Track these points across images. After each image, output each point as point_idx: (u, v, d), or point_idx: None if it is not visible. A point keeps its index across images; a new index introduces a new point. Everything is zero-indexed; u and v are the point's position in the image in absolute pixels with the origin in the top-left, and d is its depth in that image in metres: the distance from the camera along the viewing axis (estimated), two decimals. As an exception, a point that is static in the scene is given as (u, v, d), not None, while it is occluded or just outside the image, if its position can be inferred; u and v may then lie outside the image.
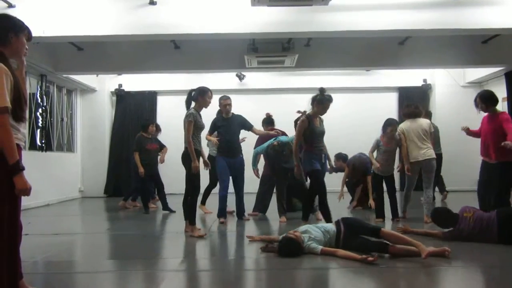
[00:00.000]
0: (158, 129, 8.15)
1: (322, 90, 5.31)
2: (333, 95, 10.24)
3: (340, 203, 7.15)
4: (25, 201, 2.63)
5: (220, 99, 6.29)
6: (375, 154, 6.26)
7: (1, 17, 2.60)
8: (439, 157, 7.22)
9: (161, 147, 7.96)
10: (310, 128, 5.27)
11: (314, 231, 4.13)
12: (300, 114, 7.20)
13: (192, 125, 5.03)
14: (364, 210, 7.12)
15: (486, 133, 5.16)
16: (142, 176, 7.34)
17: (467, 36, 7.76)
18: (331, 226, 4.24)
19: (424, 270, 3.49)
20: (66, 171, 9.92)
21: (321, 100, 5.28)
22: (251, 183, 7.87)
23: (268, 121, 7.23)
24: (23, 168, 2.37)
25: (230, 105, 6.25)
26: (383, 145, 6.01)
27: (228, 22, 6.29)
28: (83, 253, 4.79)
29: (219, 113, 6.39)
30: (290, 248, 3.91)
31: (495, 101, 5.26)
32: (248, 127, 6.38)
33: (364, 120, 10.37)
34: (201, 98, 5.20)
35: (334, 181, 10.20)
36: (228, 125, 6.19)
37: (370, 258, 3.50)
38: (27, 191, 2.37)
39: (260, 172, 6.91)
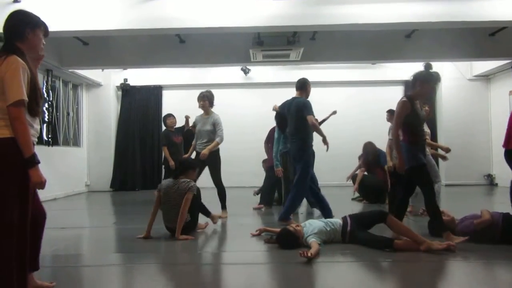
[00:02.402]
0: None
1: (428, 66, 4.36)
2: (339, 89, 10.29)
3: (343, 196, 7.15)
4: (32, 195, 2.65)
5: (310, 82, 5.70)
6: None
7: (18, 13, 2.61)
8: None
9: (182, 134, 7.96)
10: (413, 113, 4.22)
11: (314, 223, 4.15)
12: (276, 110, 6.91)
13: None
14: (370, 205, 7.12)
15: None
16: (174, 168, 7.35)
17: (474, 28, 7.69)
18: (336, 219, 4.25)
19: (428, 264, 3.49)
20: (73, 165, 9.97)
21: (428, 78, 4.29)
22: (257, 176, 7.89)
23: None
24: (38, 162, 2.39)
25: None
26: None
27: (233, 16, 6.27)
28: (90, 246, 4.82)
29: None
30: (287, 240, 4.00)
31: None
32: None
33: (370, 114, 10.34)
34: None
35: (325, 176, 10.25)
36: None
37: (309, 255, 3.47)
38: (42, 184, 2.40)
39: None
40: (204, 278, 3.40)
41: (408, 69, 10.75)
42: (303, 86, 5.54)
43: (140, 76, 10.93)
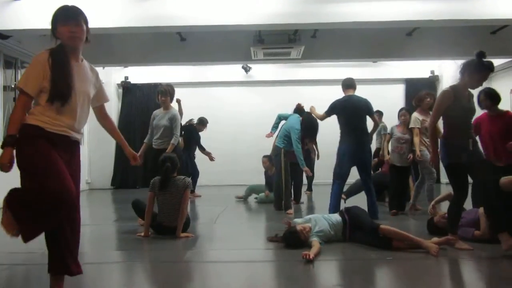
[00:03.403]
0: (204, 124, 8.29)
1: (481, 54, 3.86)
2: (340, 87, 10.31)
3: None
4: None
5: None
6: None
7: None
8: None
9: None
10: (455, 104, 3.86)
11: (319, 221, 4.13)
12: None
13: None
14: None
15: (493, 134, 4.87)
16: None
17: (476, 26, 7.68)
18: (336, 218, 4.23)
19: (427, 262, 3.49)
20: (73, 163, 9.98)
21: (478, 67, 3.85)
22: (259, 174, 7.89)
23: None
24: (9, 144, 2.45)
25: None
26: (398, 132, 6.06)
27: (234, 14, 6.26)
28: (91, 244, 4.81)
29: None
30: (292, 240, 3.98)
31: (500, 100, 4.99)
32: None
33: (371, 112, 10.33)
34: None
35: (325, 174, 10.19)
36: None
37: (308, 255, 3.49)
38: (1, 165, 2.43)
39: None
40: (205, 276, 3.40)
41: (409, 67, 10.80)
42: (353, 84, 5.86)
43: (141, 74, 10.93)
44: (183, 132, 8.29)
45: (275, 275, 3.41)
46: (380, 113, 9.08)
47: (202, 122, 8.40)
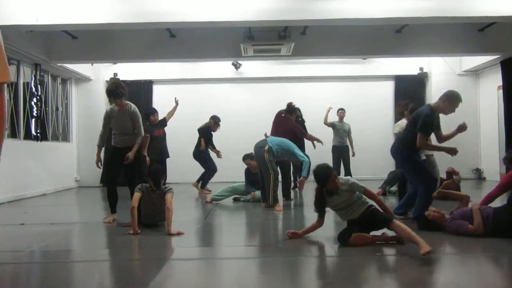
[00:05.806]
0: (218, 124, 8.58)
1: None
2: (329, 84, 10.36)
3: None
4: (21, 191, 2.61)
5: None
6: None
7: None
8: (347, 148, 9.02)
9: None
10: None
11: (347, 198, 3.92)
12: None
13: None
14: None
15: None
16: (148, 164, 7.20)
17: (464, 24, 7.76)
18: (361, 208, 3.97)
19: (421, 258, 3.52)
20: (62, 160, 9.89)
21: None
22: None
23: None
24: None
25: None
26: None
27: (224, 10, 6.25)
28: (80, 242, 4.79)
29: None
30: (322, 175, 3.87)
31: None
32: None
33: (360, 108, 10.40)
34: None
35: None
36: None
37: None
38: None
39: None
40: (196, 273, 3.40)
41: (398, 64, 10.88)
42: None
43: (130, 71, 10.85)
44: (202, 132, 8.43)
45: (265, 271, 3.41)
46: (343, 110, 9.19)
47: (217, 123, 8.63)
